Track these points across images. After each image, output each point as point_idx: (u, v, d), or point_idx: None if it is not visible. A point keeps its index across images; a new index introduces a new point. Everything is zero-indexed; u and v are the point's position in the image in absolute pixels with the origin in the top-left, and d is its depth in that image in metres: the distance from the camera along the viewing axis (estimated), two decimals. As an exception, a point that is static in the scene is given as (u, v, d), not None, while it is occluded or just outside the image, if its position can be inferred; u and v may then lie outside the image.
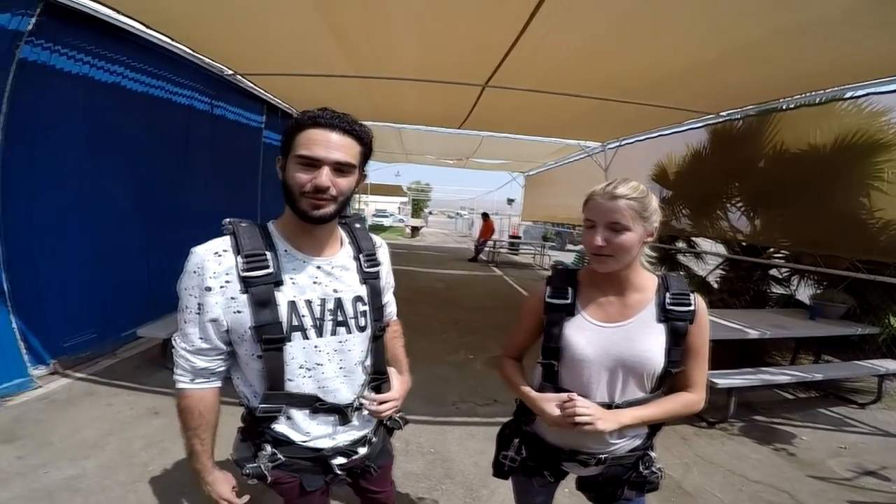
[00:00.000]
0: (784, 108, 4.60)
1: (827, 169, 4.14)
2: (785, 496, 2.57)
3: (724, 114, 5.18)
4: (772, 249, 5.08)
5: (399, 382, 1.25)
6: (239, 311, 0.98)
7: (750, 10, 2.67)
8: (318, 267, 1.06)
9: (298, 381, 1.04)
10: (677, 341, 1.13)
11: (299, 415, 1.07)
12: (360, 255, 1.14)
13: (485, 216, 14.10)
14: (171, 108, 4.64)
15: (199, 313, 0.99)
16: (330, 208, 0.98)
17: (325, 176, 0.95)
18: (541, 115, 5.95)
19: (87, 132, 3.67)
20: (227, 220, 1.03)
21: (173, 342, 1.05)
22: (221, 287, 0.97)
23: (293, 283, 1.02)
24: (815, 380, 3.67)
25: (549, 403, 1.13)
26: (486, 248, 13.55)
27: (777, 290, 5.31)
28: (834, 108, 4.22)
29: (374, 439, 1.22)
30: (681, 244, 6.32)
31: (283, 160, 1.02)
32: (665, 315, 1.14)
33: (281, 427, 1.07)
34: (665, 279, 1.20)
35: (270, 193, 7.06)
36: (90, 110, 3.67)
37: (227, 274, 0.97)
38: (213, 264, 0.97)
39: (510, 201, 21.73)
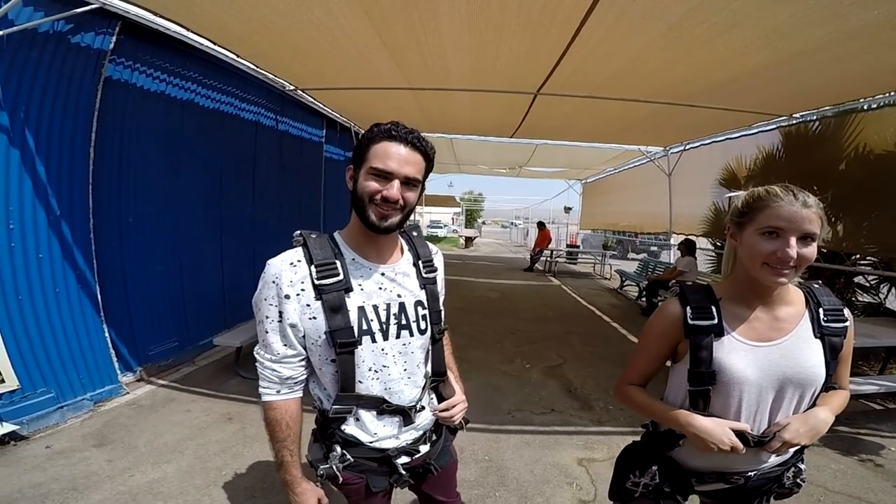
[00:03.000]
0: (866, 108, 4.29)
1: (920, 170, 3.80)
2: None
3: (797, 115, 4.88)
4: (857, 256, 4.69)
5: (459, 386, 1.31)
6: (314, 318, 1.04)
7: (825, 7, 2.53)
8: (383, 273, 1.12)
9: (367, 384, 1.09)
10: (834, 355, 1.10)
11: (367, 416, 1.12)
12: (419, 262, 1.20)
13: (541, 225, 13.93)
14: (239, 123, 4.90)
15: (279, 321, 1.04)
16: (396, 218, 1.05)
17: (395, 189, 1.02)
18: (597, 121, 5.87)
19: (166, 147, 3.91)
20: (298, 231, 1.11)
21: (256, 356, 1.11)
22: (297, 295, 1.04)
23: (361, 289, 1.08)
24: None
25: (725, 429, 1.07)
26: (543, 258, 13.39)
27: (863, 298, 4.90)
28: (924, 107, 3.90)
29: (434, 437, 1.26)
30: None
31: (353, 171, 1.08)
32: (821, 331, 1.10)
33: (350, 429, 1.12)
34: (811, 291, 1.15)
35: (333, 206, 7.38)
36: (168, 126, 3.90)
37: (302, 282, 1.04)
38: (290, 274, 1.04)
39: (567, 209, 21.29)
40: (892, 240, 4.07)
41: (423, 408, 1.19)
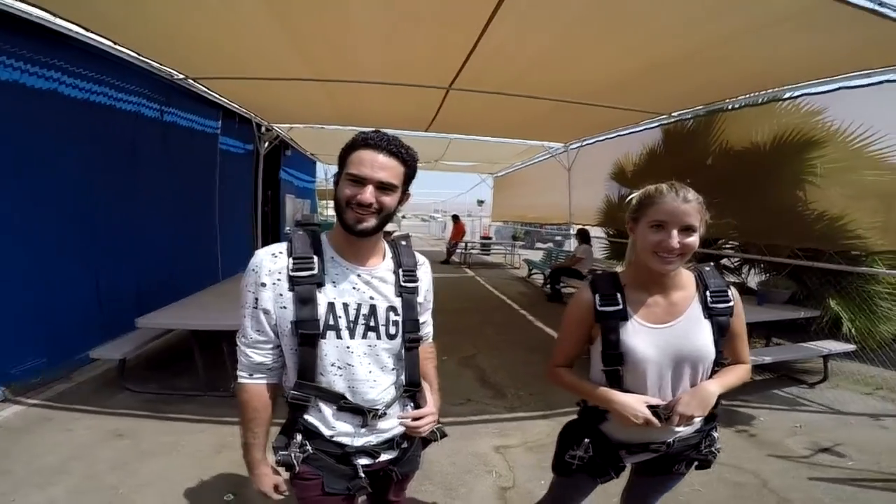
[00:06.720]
0: (730, 107, 4.87)
1: (767, 165, 4.44)
2: (750, 476, 2.65)
3: (675, 114, 5.43)
4: (722, 241, 5.37)
5: (433, 398, 1.31)
6: (284, 307, 1.09)
7: (695, 14, 2.83)
8: (359, 275, 1.15)
9: (330, 378, 1.12)
10: (722, 333, 1.24)
11: (327, 410, 1.14)
12: (400, 270, 1.22)
13: (455, 218, 14.24)
14: (115, 115, 4.41)
15: (255, 307, 1.11)
16: (371, 222, 1.08)
17: (368, 193, 1.06)
18: (505, 116, 6.07)
19: (21, 142, 3.45)
20: (289, 228, 1.15)
21: (236, 340, 1.17)
22: (273, 284, 1.10)
23: (334, 286, 1.12)
24: (766, 363, 3.85)
25: (640, 404, 1.19)
26: (459, 250, 13.67)
27: (730, 278, 5.62)
28: (774, 108, 4.52)
29: (403, 444, 1.26)
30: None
31: (338, 176, 1.14)
32: (709, 312, 1.23)
33: (312, 418, 1.15)
34: (701, 275, 1.28)
35: (229, 199, 6.90)
36: (24, 119, 3.47)
37: (280, 273, 1.10)
38: (269, 263, 1.11)
39: (480, 202, 21.91)
40: (748, 226, 4.72)
41: (384, 414, 1.19)
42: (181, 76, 4.80)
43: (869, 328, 4.19)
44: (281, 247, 1.14)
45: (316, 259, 1.12)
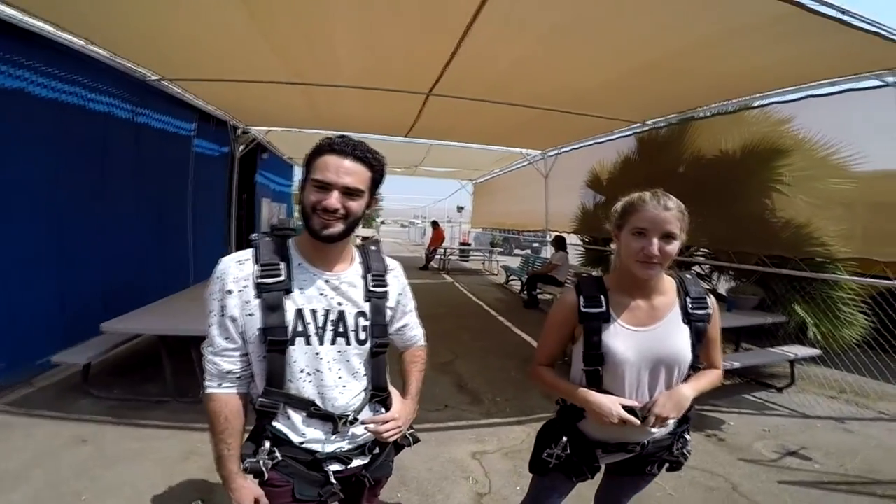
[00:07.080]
0: (701, 116, 4.97)
1: (736, 173, 4.54)
2: (720, 480, 2.70)
3: (649, 122, 5.54)
4: (693, 247, 5.48)
5: (400, 404, 1.30)
6: (251, 314, 1.08)
7: (669, 23, 2.89)
8: (327, 281, 1.15)
9: (299, 384, 1.12)
10: (699, 338, 1.29)
11: (296, 416, 1.14)
12: (368, 275, 1.21)
13: (434, 224, 14.23)
14: (85, 115, 4.31)
15: (221, 315, 1.09)
16: (338, 228, 1.08)
17: (334, 198, 1.06)
18: (485, 123, 6.11)
19: None
20: (254, 234, 1.16)
21: (202, 350, 1.14)
22: (240, 291, 1.09)
23: (302, 292, 1.11)
24: (734, 367, 3.91)
25: (615, 405, 1.22)
26: (438, 256, 13.63)
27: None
28: (744, 116, 4.63)
29: (375, 450, 1.25)
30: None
31: (303, 182, 1.12)
32: (688, 318, 1.28)
33: (280, 425, 1.14)
34: (683, 282, 1.32)
35: (201, 202, 6.78)
36: None
37: (246, 280, 1.09)
38: (235, 270, 1.09)
39: (460, 209, 21.96)
40: (718, 233, 4.81)
41: (355, 419, 1.18)
42: (156, 77, 4.71)
43: (833, 333, 4.30)
44: (246, 254, 1.13)
45: (283, 265, 1.11)
